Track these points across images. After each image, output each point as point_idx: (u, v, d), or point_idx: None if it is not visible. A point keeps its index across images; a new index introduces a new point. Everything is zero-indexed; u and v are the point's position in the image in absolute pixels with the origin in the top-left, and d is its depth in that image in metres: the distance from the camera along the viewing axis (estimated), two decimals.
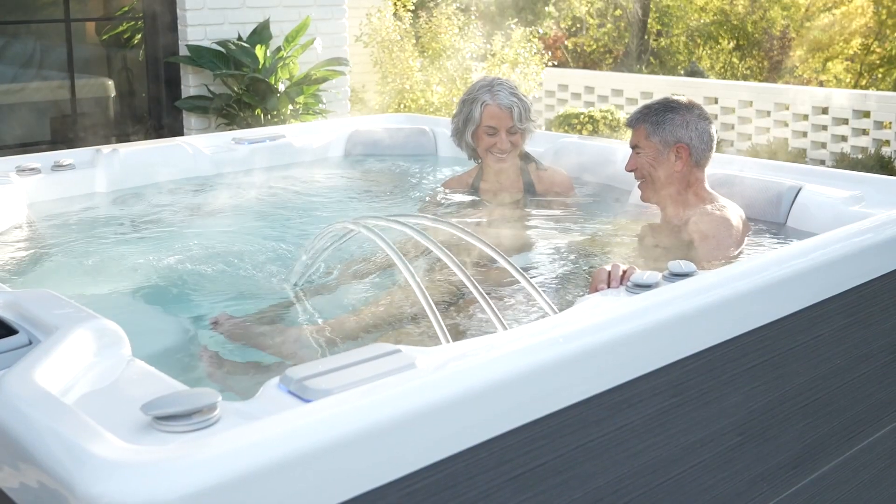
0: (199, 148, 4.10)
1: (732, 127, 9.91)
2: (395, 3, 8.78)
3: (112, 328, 1.92)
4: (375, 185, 4.22)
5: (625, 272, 2.27)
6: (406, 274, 2.02)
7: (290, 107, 5.90)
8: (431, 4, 8.95)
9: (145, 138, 5.97)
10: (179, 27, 6.08)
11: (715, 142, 3.13)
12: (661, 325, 2.03)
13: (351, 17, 8.57)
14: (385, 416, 1.55)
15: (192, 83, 6.14)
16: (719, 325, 2.14)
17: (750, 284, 2.24)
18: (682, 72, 16.57)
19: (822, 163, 9.15)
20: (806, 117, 9.37)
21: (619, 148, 3.86)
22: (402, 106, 8.32)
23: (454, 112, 3.72)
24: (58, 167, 3.74)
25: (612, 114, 9.52)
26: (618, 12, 19.65)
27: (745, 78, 17.39)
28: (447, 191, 3.76)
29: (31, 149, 5.57)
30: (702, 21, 19.18)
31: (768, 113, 9.63)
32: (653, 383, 1.97)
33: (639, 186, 3.18)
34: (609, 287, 2.25)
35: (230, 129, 5.81)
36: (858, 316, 2.54)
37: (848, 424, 2.54)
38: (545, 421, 1.77)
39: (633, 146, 3.18)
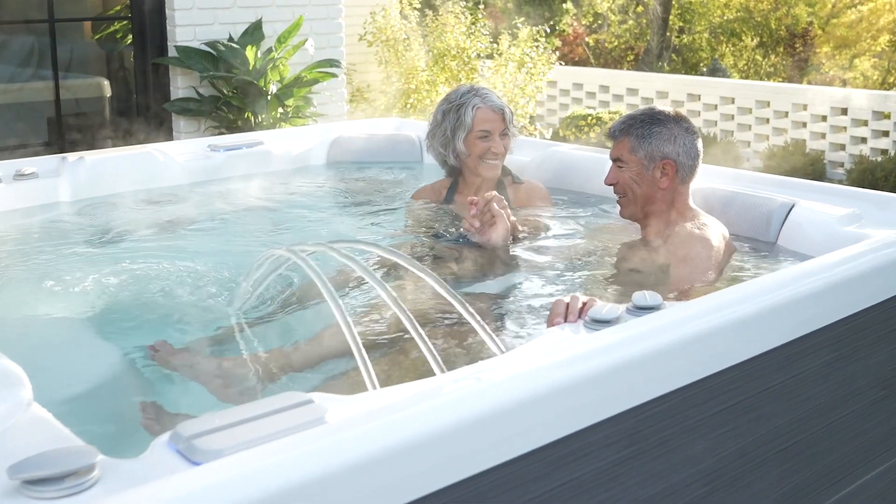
0: (171, 156, 3.94)
1: (749, 127, 9.65)
2: (400, 1, 8.60)
3: (11, 369, 1.76)
4: (357, 195, 4.04)
5: (584, 304, 2.08)
6: (335, 310, 1.84)
7: (280, 110, 5.72)
8: (438, 2, 8.75)
9: (140, 142, 5.83)
10: (168, 27, 5.92)
11: (701, 157, 2.92)
12: (617, 367, 1.84)
13: (356, 15, 8.41)
14: (278, 482, 1.38)
15: (180, 85, 5.99)
16: (685, 366, 1.95)
17: (722, 319, 2.04)
18: (705, 69, 16.30)
19: (842, 165, 8.89)
20: (824, 118, 9.10)
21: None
22: (407, 106, 8.14)
23: (432, 123, 3.51)
24: (20, 176, 3.59)
25: (620, 115, 9.30)
26: (639, 9, 19.39)
27: (768, 76, 17.10)
28: (419, 203, 3.57)
29: (19, 152, 5.45)
30: (724, 18, 18.89)
31: (786, 114, 9.37)
32: (605, 433, 1.79)
33: (618, 202, 2.97)
34: (566, 321, 2.06)
35: (219, 133, 5.66)
36: (845, 350, 2.34)
37: (833, 468, 2.34)
38: (475, 481, 1.59)
39: (615, 159, 2.97)
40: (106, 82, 6.86)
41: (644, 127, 2.90)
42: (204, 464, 1.43)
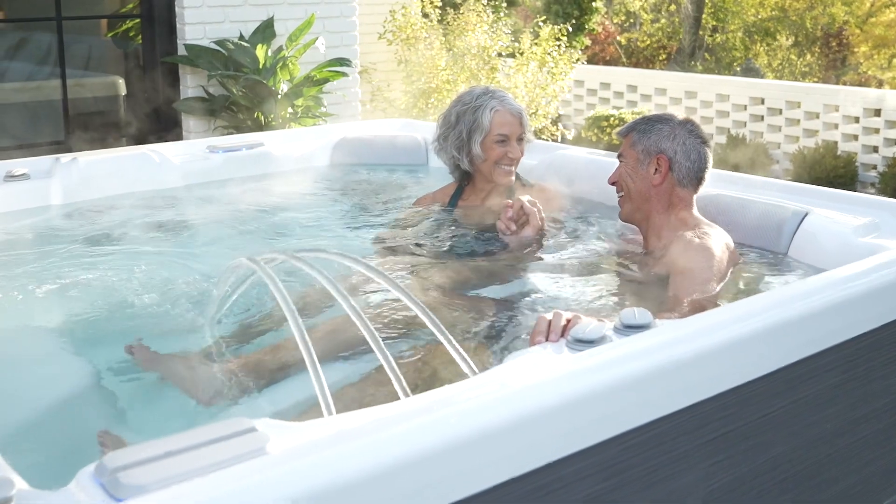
0: (168, 157, 3.83)
1: (779, 129, 9.42)
2: (422, 0, 8.46)
3: None
4: (359, 198, 3.91)
5: (568, 322, 1.94)
6: (293, 326, 1.71)
7: (290, 110, 5.60)
8: (459, 0, 8.60)
9: (150, 141, 5.75)
10: (178, 25, 5.82)
11: (707, 164, 2.79)
12: (598, 391, 1.71)
13: (375, 13, 8.29)
14: None
15: (190, 84, 5.89)
16: (674, 391, 1.81)
17: (718, 340, 1.90)
18: (738, 69, 16.05)
19: (874, 167, 8.65)
20: (857, 119, 8.86)
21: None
22: (427, 106, 8.00)
23: (444, 125, 3.36)
24: (10, 178, 3.50)
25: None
26: (672, 7, 19.16)
27: (803, 76, 16.81)
28: (420, 209, 3.44)
29: (34, 150, 5.38)
30: (759, 17, 18.61)
31: (817, 115, 9.13)
32: (581, 464, 1.64)
33: (619, 202, 2.87)
34: (548, 340, 1.91)
35: (228, 133, 5.56)
36: (856, 371, 2.18)
37: (841, 498, 2.18)
38: None
39: (619, 155, 2.89)
40: (121, 81, 6.78)
41: (647, 123, 2.87)
42: (125, 501, 1.31)
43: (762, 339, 1.95)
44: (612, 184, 2.90)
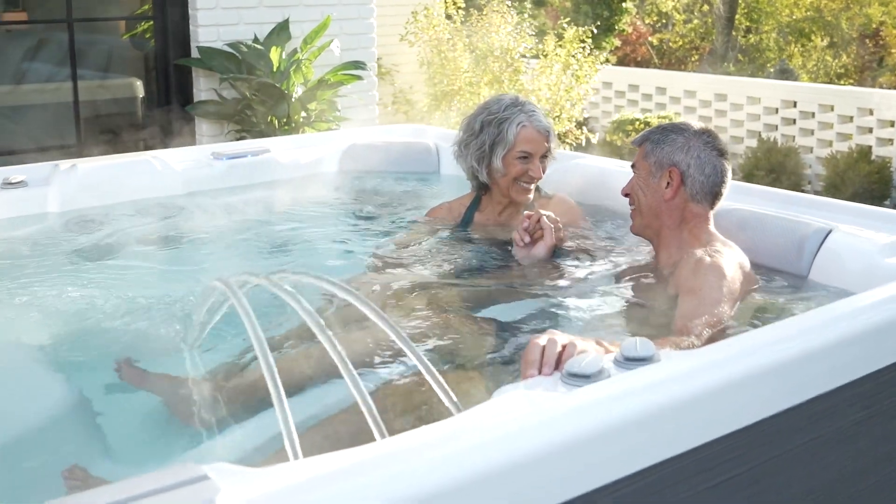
0: (170, 164, 3.72)
1: (811, 132, 9.20)
2: (445, 1, 8.33)
3: None
4: (368, 208, 3.78)
5: (564, 348, 1.80)
6: (260, 357, 1.58)
7: (303, 114, 5.48)
8: (483, 1, 8.45)
9: (165, 145, 5.66)
10: (191, 27, 5.72)
11: (723, 178, 2.62)
12: (591, 437, 1.56)
13: (399, 14, 8.17)
14: None
15: (203, 87, 5.79)
16: (676, 434, 1.65)
17: (727, 375, 1.74)
18: (772, 70, 15.78)
19: None
20: (892, 124, 8.61)
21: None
22: (451, 109, 7.86)
23: (466, 131, 3.20)
24: (7, 185, 3.41)
25: (670, 120, 8.90)
26: (705, 8, 18.92)
27: (838, 77, 16.51)
28: (431, 221, 3.31)
29: (38, 155, 5.30)
30: (793, 17, 18.31)
31: (851, 118, 8.90)
32: None
33: (630, 214, 2.72)
34: (540, 374, 1.77)
35: (241, 138, 5.46)
36: (881, 405, 2.02)
37: None
38: None
39: (632, 166, 2.76)
40: (139, 83, 6.70)
41: (662, 133, 2.69)
42: None
43: (776, 373, 1.80)
44: (626, 195, 2.75)
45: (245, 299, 1.70)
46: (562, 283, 2.76)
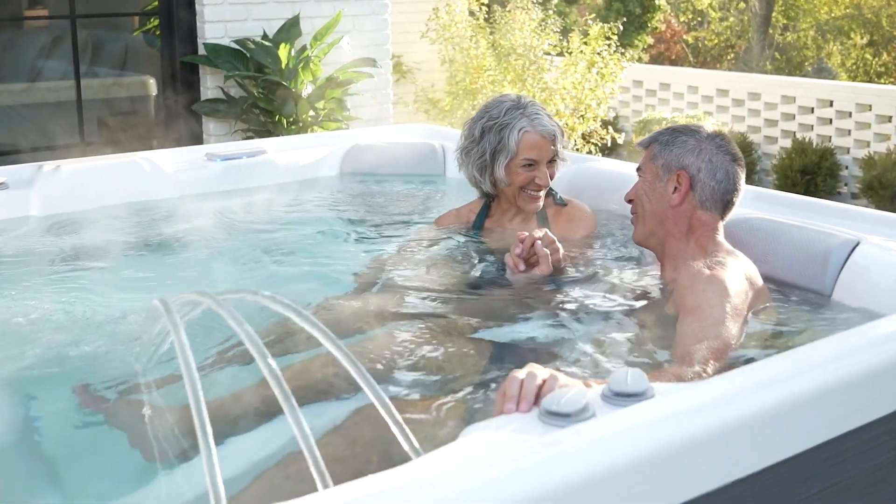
0: (160, 165, 3.55)
1: (848, 132, 8.89)
2: None
3: None
4: (370, 212, 3.58)
5: (544, 382, 1.59)
6: (189, 390, 1.38)
7: (312, 113, 5.29)
8: None
9: (175, 144, 5.51)
10: (198, 24, 5.56)
11: (736, 186, 2.40)
12: (572, 485, 1.35)
13: (420, 10, 7.97)
14: None
15: (210, 85, 5.63)
16: (668, 484, 1.44)
17: (731, 415, 1.53)
18: (810, 69, 15.43)
19: None
20: None
21: None
22: (473, 108, 7.66)
23: (467, 137, 2.99)
24: None
25: (698, 120, 8.62)
26: (741, 5, 18.58)
27: (878, 76, 16.12)
28: (439, 229, 3.10)
29: (43, 154, 5.18)
30: (832, 15, 17.92)
31: (889, 118, 8.59)
32: None
33: (631, 221, 2.50)
34: (518, 410, 1.56)
35: (248, 137, 5.29)
36: None
37: None
38: None
39: (638, 169, 2.56)
40: (152, 80, 6.57)
41: (672, 134, 2.49)
42: None
43: (789, 413, 1.58)
44: (629, 201, 2.53)
45: (181, 323, 1.51)
46: (559, 304, 2.52)
